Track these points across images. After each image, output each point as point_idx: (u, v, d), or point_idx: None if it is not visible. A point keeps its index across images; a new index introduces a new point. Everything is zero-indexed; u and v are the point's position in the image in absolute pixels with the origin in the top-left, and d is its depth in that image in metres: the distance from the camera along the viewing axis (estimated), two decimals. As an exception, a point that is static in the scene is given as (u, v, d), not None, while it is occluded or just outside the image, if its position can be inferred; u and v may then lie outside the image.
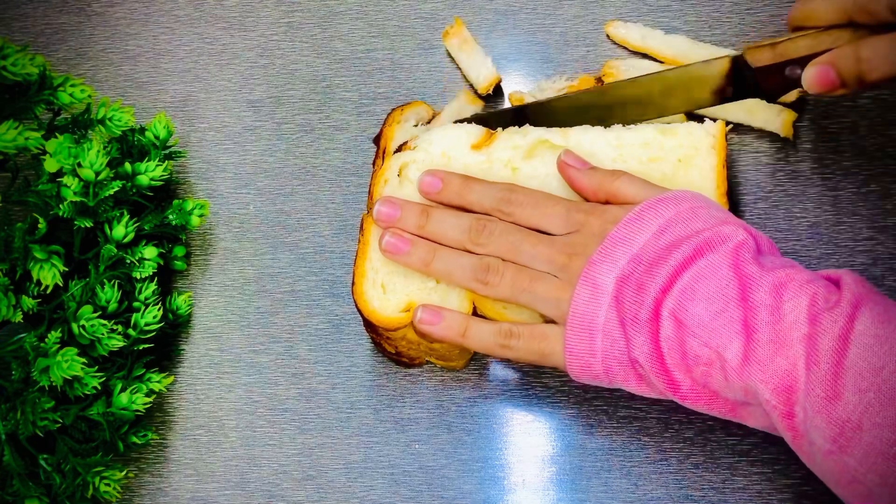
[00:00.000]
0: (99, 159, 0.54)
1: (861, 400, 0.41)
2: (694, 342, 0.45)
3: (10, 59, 0.53)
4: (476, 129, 0.57)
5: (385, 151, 0.58)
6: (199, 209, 0.60)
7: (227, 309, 0.62)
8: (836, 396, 0.42)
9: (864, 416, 0.41)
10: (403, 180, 0.57)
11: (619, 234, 0.49)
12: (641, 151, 0.55)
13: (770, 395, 0.43)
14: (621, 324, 0.47)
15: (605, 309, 0.48)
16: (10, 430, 0.52)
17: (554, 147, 0.56)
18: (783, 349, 0.43)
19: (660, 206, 0.49)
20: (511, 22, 0.64)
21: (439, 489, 0.57)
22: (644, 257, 0.47)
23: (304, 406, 0.59)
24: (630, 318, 0.47)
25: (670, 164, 0.55)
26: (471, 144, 0.57)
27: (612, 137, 0.56)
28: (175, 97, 0.66)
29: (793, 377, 0.43)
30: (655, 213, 0.49)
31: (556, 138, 0.56)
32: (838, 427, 0.42)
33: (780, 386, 0.43)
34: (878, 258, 0.56)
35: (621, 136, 0.56)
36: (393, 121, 0.59)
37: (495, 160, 0.56)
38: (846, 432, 0.41)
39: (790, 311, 0.44)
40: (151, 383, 0.56)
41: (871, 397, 0.41)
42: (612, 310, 0.48)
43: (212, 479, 0.59)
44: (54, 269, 0.53)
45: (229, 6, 0.67)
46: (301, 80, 0.65)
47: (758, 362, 0.44)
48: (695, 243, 0.47)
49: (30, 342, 0.53)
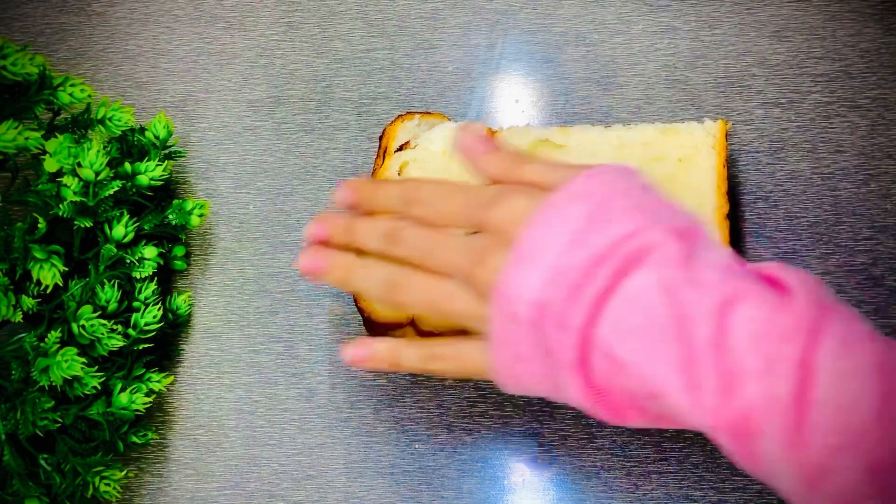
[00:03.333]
0: (99, 159, 0.54)
1: (827, 443, 0.37)
2: (633, 383, 0.40)
3: (10, 58, 0.53)
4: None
5: (386, 150, 0.58)
6: (199, 209, 0.60)
7: (227, 309, 0.62)
8: (802, 442, 0.37)
9: (831, 460, 0.37)
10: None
11: (527, 245, 0.42)
12: (642, 151, 0.55)
13: (725, 441, 0.39)
14: (547, 360, 0.42)
15: (526, 339, 0.42)
16: (10, 430, 0.52)
17: (555, 146, 0.56)
18: (734, 391, 0.38)
19: (569, 202, 0.42)
20: (511, 22, 0.64)
21: (439, 489, 0.57)
22: (561, 280, 0.41)
23: (304, 406, 0.59)
24: (556, 360, 0.42)
25: (671, 164, 0.55)
26: None
27: (613, 137, 0.56)
28: (175, 97, 0.66)
29: (748, 421, 0.38)
30: (566, 212, 0.42)
31: (556, 137, 0.56)
32: (804, 471, 0.38)
33: (736, 430, 0.39)
34: (879, 258, 0.56)
35: (622, 136, 0.56)
36: (398, 119, 0.59)
37: None
38: (813, 477, 0.37)
39: (737, 344, 0.38)
40: (151, 383, 0.56)
41: (840, 440, 0.37)
42: (533, 341, 0.42)
43: (212, 479, 0.59)
44: (54, 269, 0.53)
45: (229, 6, 0.67)
46: (301, 80, 0.65)
47: (705, 407, 0.39)
48: (617, 261, 0.40)
49: (30, 342, 0.53)
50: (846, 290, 0.56)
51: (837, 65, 0.59)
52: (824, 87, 0.59)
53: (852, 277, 0.56)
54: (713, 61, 0.61)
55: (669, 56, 0.62)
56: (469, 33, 0.64)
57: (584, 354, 0.41)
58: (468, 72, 0.64)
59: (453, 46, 0.64)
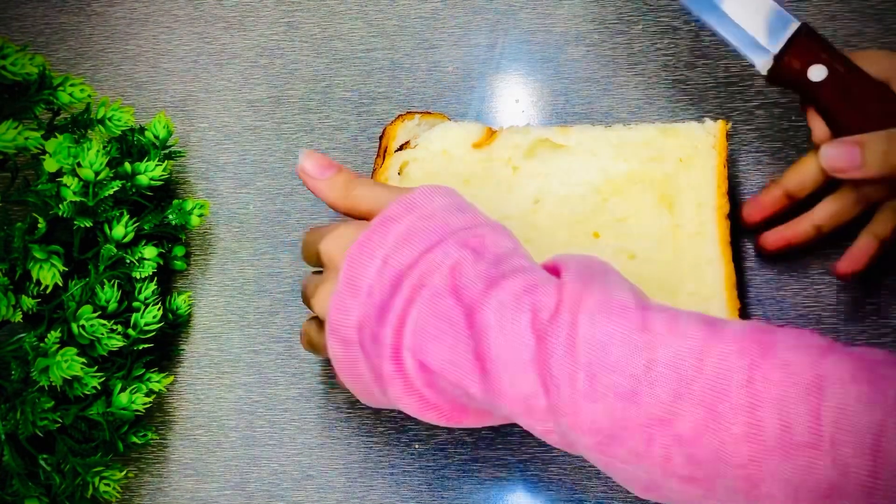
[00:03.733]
0: (98, 159, 0.54)
1: (604, 408, 0.40)
2: (443, 382, 0.43)
3: (9, 58, 0.53)
4: (477, 127, 0.57)
5: (387, 150, 0.58)
6: (199, 209, 0.60)
7: (227, 309, 0.62)
8: (579, 411, 0.40)
9: (610, 421, 0.40)
10: (404, 179, 0.57)
11: (349, 273, 0.45)
12: (643, 151, 0.55)
13: (522, 420, 0.42)
14: (376, 376, 0.45)
15: (359, 358, 0.46)
16: (10, 430, 0.52)
17: (555, 146, 0.56)
18: (518, 374, 0.41)
19: (382, 228, 0.45)
20: (511, 22, 0.64)
21: (439, 489, 0.57)
22: (373, 300, 0.44)
23: (304, 406, 0.59)
24: (381, 375, 0.45)
25: (671, 164, 0.55)
26: (472, 143, 0.57)
27: (614, 137, 0.56)
28: (175, 97, 0.66)
29: (534, 401, 0.41)
30: (379, 238, 0.45)
31: (556, 137, 0.56)
32: (594, 437, 0.41)
33: (526, 410, 0.42)
34: (878, 258, 0.56)
35: (623, 136, 0.56)
36: (398, 119, 0.59)
37: (496, 159, 0.56)
38: (602, 440, 0.40)
39: (514, 331, 0.41)
40: (151, 383, 0.56)
41: (610, 402, 0.40)
42: (364, 360, 0.45)
43: (212, 479, 0.59)
44: (54, 269, 0.53)
45: (229, 6, 0.67)
46: (301, 80, 0.65)
47: (497, 393, 0.42)
48: (416, 276, 0.44)
49: (29, 342, 0.53)
50: (846, 290, 0.56)
51: (837, 65, 0.59)
52: (824, 86, 0.59)
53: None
54: (713, 61, 0.61)
55: (669, 56, 0.62)
56: (469, 33, 0.64)
57: (399, 366, 0.44)
58: (468, 72, 0.64)
59: (453, 46, 0.64)
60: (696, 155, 0.55)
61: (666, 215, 0.54)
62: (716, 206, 0.54)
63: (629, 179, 0.55)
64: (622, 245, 0.54)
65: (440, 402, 0.45)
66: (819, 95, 0.50)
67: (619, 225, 0.55)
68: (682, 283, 0.53)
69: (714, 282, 0.53)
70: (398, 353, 0.44)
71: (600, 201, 0.55)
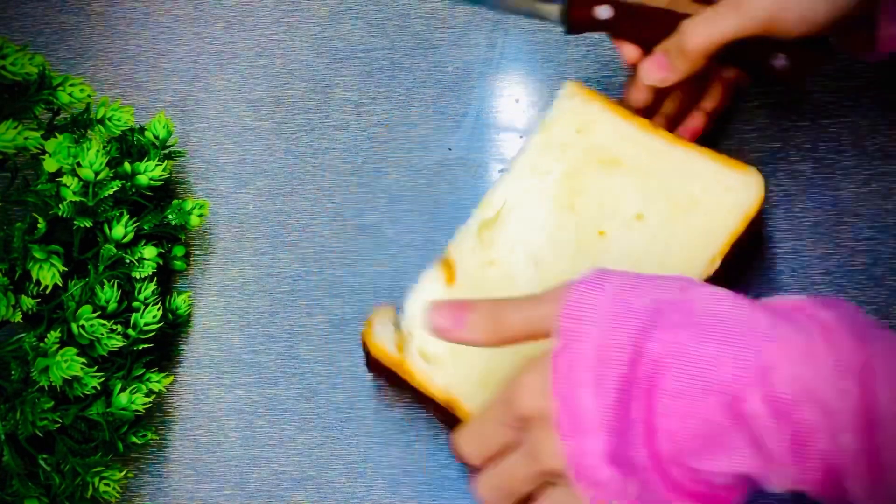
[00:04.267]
0: (98, 159, 0.54)
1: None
2: (717, 478, 0.40)
3: (9, 58, 0.53)
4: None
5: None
6: (199, 209, 0.60)
7: (227, 309, 0.62)
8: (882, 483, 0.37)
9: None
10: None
11: (564, 415, 0.41)
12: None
13: (814, 494, 0.39)
14: (642, 494, 0.41)
15: (613, 490, 0.41)
16: (10, 430, 0.52)
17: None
18: (805, 449, 0.38)
19: (571, 351, 0.41)
20: (511, 21, 0.64)
21: (439, 489, 0.56)
22: (606, 426, 0.40)
23: (304, 406, 0.59)
24: (648, 494, 0.41)
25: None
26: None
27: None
28: (175, 97, 0.66)
29: (830, 472, 0.38)
30: (574, 363, 0.41)
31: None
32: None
33: (821, 485, 0.39)
34: (879, 258, 0.56)
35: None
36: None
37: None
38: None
39: (788, 406, 0.38)
40: (151, 383, 0.56)
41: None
42: (618, 489, 0.41)
43: (212, 479, 0.59)
44: (54, 269, 0.53)
45: (229, 6, 0.67)
46: (301, 80, 0.65)
47: (786, 474, 0.39)
48: (643, 382, 0.40)
49: (29, 342, 0.53)
50: (846, 290, 0.56)
51: (838, 64, 0.59)
52: (824, 87, 0.59)
53: (853, 277, 0.56)
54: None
55: (669, 56, 0.62)
56: (469, 33, 0.64)
57: (664, 476, 0.40)
58: (468, 72, 0.64)
59: (453, 46, 0.64)
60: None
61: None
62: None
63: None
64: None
65: (710, 490, 0.41)
66: (613, 29, 0.54)
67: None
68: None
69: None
70: (658, 464, 0.40)
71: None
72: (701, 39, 0.49)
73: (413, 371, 0.53)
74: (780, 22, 0.48)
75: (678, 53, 0.51)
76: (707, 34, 0.49)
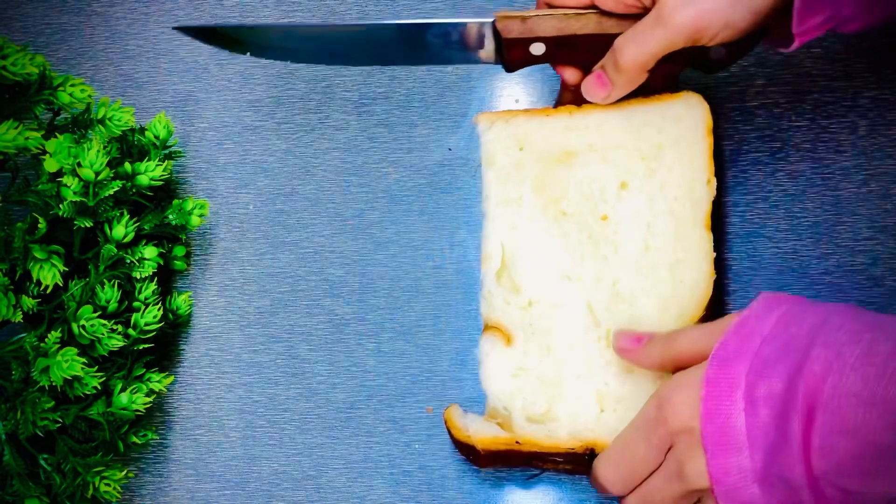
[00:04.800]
0: (99, 159, 0.54)
1: None
2: (876, 498, 0.40)
3: (10, 58, 0.53)
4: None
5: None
6: (199, 209, 0.60)
7: (227, 309, 0.62)
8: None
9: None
10: None
11: (711, 432, 0.42)
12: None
13: None
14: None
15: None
16: (10, 430, 0.52)
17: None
18: None
19: (725, 370, 0.42)
20: (511, 22, 0.64)
21: (439, 489, 0.57)
22: (759, 444, 0.41)
23: (304, 406, 0.59)
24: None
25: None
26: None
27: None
28: (175, 97, 0.66)
29: None
30: (727, 383, 0.42)
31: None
32: None
33: None
34: (878, 258, 0.56)
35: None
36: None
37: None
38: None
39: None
40: (151, 383, 0.56)
41: None
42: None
43: (212, 479, 0.59)
44: (54, 269, 0.53)
45: (229, 6, 0.67)
46: (301, 80, 0.65)
47: None
48: (800, 404, 0.40)
49: (30, 342, 0.53)
50: (846, 290, 0.56)
51: (838, 65, 0.59)
52: (824, 87, 0.59)
53: (852, 277, 0.56)
54: (713, 61, 0.61)
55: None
56: (469, 33, 0.64)
57: (819, 496, 0.40)
58: (468, 72, 0.64)
59: (453, 46, 0.64)
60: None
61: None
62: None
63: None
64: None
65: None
66: (550, 60, 0.56)
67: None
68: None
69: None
70: (814, 485, 0.40)
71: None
72: (633, 56, 0.50)
73: (535, 438, 0.52)
74: (706, 31, 0.48)
75: (615, 70, 0.52)
76: (638, 51, 0.50)
